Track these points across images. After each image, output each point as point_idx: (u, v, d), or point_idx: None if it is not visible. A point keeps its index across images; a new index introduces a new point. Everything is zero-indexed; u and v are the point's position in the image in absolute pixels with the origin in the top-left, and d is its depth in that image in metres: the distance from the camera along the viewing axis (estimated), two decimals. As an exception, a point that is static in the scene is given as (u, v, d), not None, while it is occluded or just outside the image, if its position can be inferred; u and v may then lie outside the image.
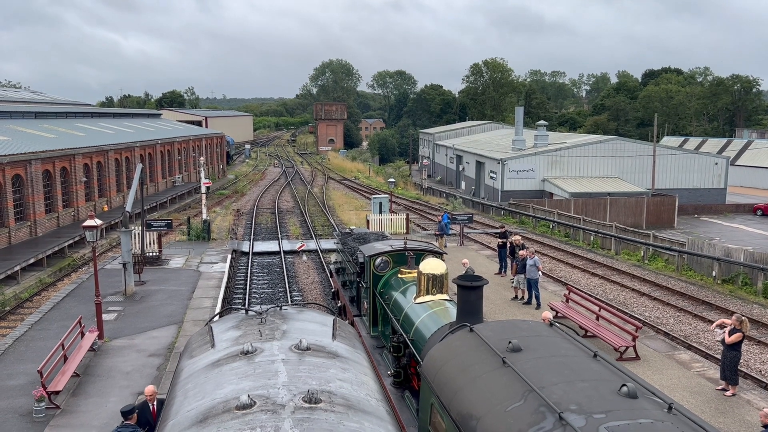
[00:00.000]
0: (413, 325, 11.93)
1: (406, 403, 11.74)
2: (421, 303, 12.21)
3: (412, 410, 11.22)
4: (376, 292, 14.68)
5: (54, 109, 55.94)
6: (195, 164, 64.22)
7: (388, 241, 16.90)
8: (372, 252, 14.96)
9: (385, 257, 14.83)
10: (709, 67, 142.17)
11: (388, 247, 15.27)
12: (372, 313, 14.95)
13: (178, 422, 6.24)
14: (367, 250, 15.29)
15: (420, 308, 12.09)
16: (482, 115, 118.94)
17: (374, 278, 14.75)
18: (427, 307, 11.98)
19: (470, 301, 10.28)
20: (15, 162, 32.55)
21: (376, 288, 14.69)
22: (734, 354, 14.01)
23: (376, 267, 14.78)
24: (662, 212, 47.74)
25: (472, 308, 10.23)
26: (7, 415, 13.20)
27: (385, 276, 14.73)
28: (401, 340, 12.10)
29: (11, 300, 24.84)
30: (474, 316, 10.12)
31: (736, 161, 74.17)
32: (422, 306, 12.11)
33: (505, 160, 54.09)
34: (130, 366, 15.97)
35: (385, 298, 14.03)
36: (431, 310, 11.80)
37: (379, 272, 14.78)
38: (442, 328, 10.82)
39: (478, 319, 10.12)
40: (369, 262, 14.77)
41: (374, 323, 14.90)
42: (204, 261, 28.36)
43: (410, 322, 12.15)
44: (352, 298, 17.35)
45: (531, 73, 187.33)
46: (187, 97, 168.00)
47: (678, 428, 5.78)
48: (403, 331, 12.22)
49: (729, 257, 26.51)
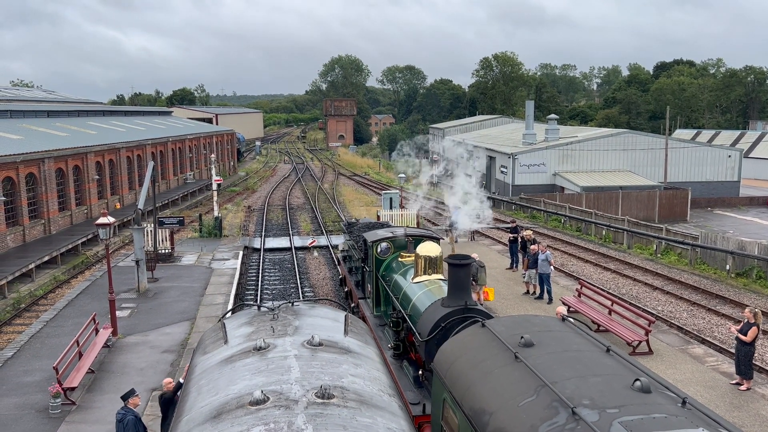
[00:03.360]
0: (410, 301, 12.94)
1: (404, 371, 12.88)
2: (418, 282, 13.21)
3: (409, 377, 12.50)
4: (378, 275, 15.72)
5: (66, 108, 56.31)
6: (206, 161, 64.48)
7: (390, 229, 18.03)
8: (375, 238, 16.08)
9: (386, 243, 15.95)
10: (722, 59, 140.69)
11: (390, 233, 16.46)
12: (375, 294, 15.98)
13: (192, 418, 6.29)
14: (370, 236, 16.44)
15: (417, 287, 13.10)
16: (492, 109, 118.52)
17: (377, 262, 15.80)
18: (423, 285, 12.96)
19: (459, 278, 11.46)
20: (29, 161, 32.84)
21: (379, 271, 15.72)
22: (748, 348, 13.90)
23: (379, 252, 15.85)
24: (675, 206, 47.37)
25: (461, 284, 11.46)
26: (24, 411, 13.36)
27: (387, 260, 15.73)
28: (400, 315, 13.13)
29: (26, 297, 25.10)
30: (463, 291, 11.45)
31: (750, 153, 73.41)
32: (419, 285, 13.12)
33: (515, 155, 53.86)
34: (143, 362, 16.10)
35: (387, 280, 15.05)
36: (426, 288, 12.78)
37: (381, 257, 15.81)
38: (434, 303, 11.85)
39: (467, 294, 11.51)
40: (372, 247, 15.89)
41: (377, 304, 15.96)
42: (216, 258, 28.50)
43: (408, 299, 13.13)
44: (357, 282, 18.51)
45: (541, 66, 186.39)
46: (197, 95, 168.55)
47: (692, 423, 5.75)
48: (401, 308, 13.23)
49: (743, 250, 26.27)
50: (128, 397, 10.36)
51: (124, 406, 10.26)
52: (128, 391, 10.57)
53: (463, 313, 11.24)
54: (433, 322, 11.35)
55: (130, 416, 10.06)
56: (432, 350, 10.72)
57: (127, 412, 10.13)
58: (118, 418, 10.08)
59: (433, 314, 11.53)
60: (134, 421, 10.08)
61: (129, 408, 10.21)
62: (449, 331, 11.01)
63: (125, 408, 10.21)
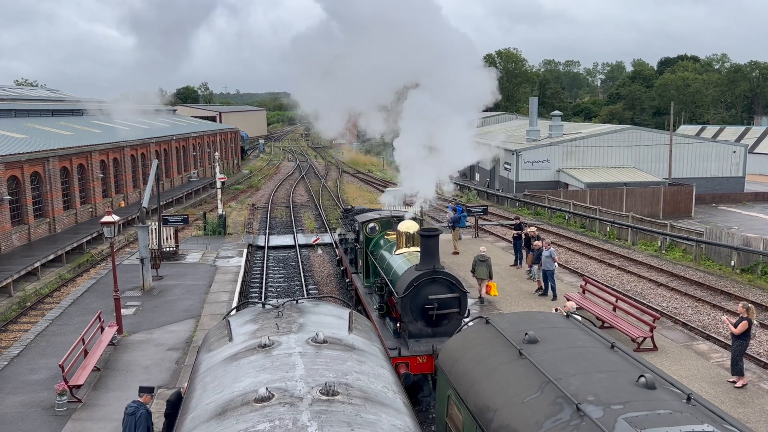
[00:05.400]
0: (392, 269, 15.34)
1: (386, 326, 15.02)
2: (399, 254, 15.67)
3: (390, 330, 14.66)
4: (368, 251, 18.07)
5: (70, 107, 56.45)
6: (210, 159, 64.53)
7: (378, 211, 20.56)
8: (364, 219, 18.56)
9: (374, 223, 18.25)
10: (727, 54, 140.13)
11: (377, 215, 18.99)
12: (365, 268, 18.31)
13: (197, 415, 6.31)
14: (361, 218, 18.98)
15: (398, 258, 15.54)
16: (496, 105, 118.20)
17: (366, 240, 18.18)
18: (403, 256, 15.39)
19: (429, 246, 13.82)
20: (33, 159, 32.94)
21: (368, 248, 18.09)
22: (739, 342, 13.88)
23: (368, 231, 18.18)
24: (679, 201, 47.22)
25: (431, 251, 13.81)
26: (30, 409, 13.43)
27: (375, 238, 18.08)
28: (383, 281, 15.48)
29: (32, 296, 25.21)
30: (432, 257, 13.78)
31: (755, 149, 73.10)
32: (400, 256, 15.56)
33: (519, 151, 53.76)
34: (149, 360, 16.15)
35: (375, 254, 17.44)
36: (405, 258, 15.21)
37: (370, 235, 18.12)
38: (410, 268, 14.18)
39: (436, 260, 13.79)
40: (362, 227, 18.29)
41: (367, 276, 18.29)
42: (220, 255, 28.56)
43: (390, 267, 15.55)
44: (351, 260, 21.01)
45: (545, 62, 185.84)
46: (201, 93, 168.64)
47: (697, 419, 5.75)
48: (385, 275, 15.61)
49: (748, 246, 26.20)
50: (145, 392, 10.28)
51: (135, 400, 10.17)
52: (148, 387, 10.49)
53: (432, 275, 13.60)
54: (407, 282, 13.64)
55: (142, 410, 9.96)
56: (406, 305, 13.58)
57: (139, 406, 10.03)
58: (130, 411, 9.94)
59: (408, 276, 13.85)
60: (146, 415, 9.98)
61: (141, 402, 10.12)
62: (420, 289, 13.52)
63: (137, 402, 10.11)
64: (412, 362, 13.16)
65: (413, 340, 13.66)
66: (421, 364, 13.25)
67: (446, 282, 13.70)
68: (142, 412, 9.96)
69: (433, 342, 13.32)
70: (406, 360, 13.13)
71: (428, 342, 13.44)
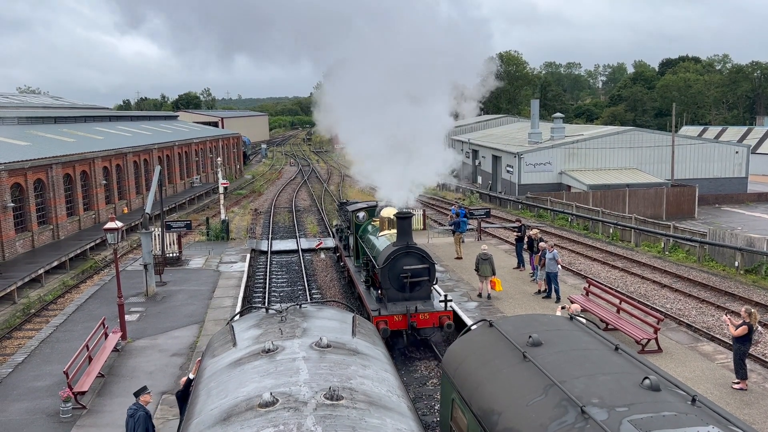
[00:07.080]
0: (375, 247, 18.78)
1: (371, 294, 18.67)
2: (382, 235, 19.07)
3: (373, 297, 18.22)
4: (357, 236, 21.84)
5: (72, 114, 56.62)
6: (212, 165, 64.67)
7: (367, 202, 24.29)
8: (354, 208, 22.63)
9: (363, 212, 22.09)
10: (728, 54, 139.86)
11: (365, 205, 22.93)
12: (356, 250, 22.19)
13: (201, 420, 6.31)
14: (351, 207, 23.23)
15: (382, 238, 18.83)
16: (497, 108, 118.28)
17: (356, 227, 22.02)
18: (385, 237, 18.70)
19: (402, 226, 17.13)
20: (37, 167, 33.04)
21: (358, 233, 21.83)
22: (739, 346, 13.84)
23: (357, 219, 21.97)
24: (682, 203, 47.15)
25: (405, 230, 17.11)
26: (35, 416, 13.44)
27: (363, 224, 21.81)
28: (368, 259, 19.14)
29: (36, 302, 25.25)
30: (406, 236, 17.07)
31: (758, 149, 72.92)
32: (383, 237, 18.88)
33: (521, 154, 53.75)
34: (153, 366, 16.16)
35: (363, 238, 21.07)
36: (386, 238, 18.54)
37: (359, 222, 21.94)
38: (388, 245, 17.45)
39: (409, 237, 17.11)
40: (352, 215, 22.16)
41: (357, 257, 22.17)
42: (223, 261, 28.58)
43: (374, 246, 19.00)
44: (345, 246, 24.83)
45: (546, 65, 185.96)
46: (203, 98, 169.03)
47: (702, 420, 5.73)
48: (369, 253, 19.15)
49: (752, 247, 26.13)
50: (140, 393, 10.53)
51: (135, 402, 10.41)
52: (140, 388, 10.74)
53: (406, 249, 16.93)
54: (385, 256, 17.04)
55: (141, 412, 10.19)
56: (385, 274, 16.90)
57: (138, 407, 10.27)
58: (129, 413, 10.23)
59: (387, 251, 17.19)
60: (145, 417, 10.20)
61: (140, 404, 10.36)
62: (396, 261, 16.82)
63: (137, 404, 10.36)
64: (390, 320, 16.40)
65: (391, 303, 16.98)
66: (397, 321, 16.54)
67: (418, 255, 17.08)
68: (140, 413, 10.18)
69: (407, 304, 16.69)
70: (386, 318, 16.40)
71: (403, 304, 16.76)
